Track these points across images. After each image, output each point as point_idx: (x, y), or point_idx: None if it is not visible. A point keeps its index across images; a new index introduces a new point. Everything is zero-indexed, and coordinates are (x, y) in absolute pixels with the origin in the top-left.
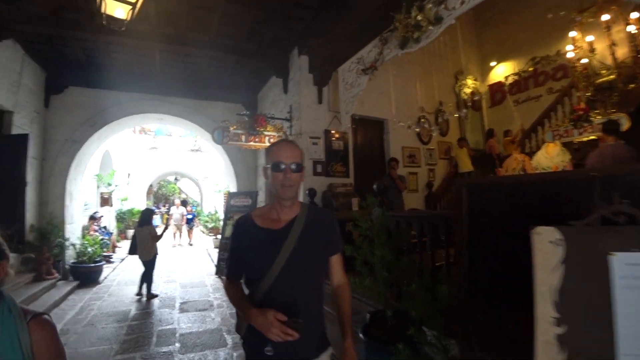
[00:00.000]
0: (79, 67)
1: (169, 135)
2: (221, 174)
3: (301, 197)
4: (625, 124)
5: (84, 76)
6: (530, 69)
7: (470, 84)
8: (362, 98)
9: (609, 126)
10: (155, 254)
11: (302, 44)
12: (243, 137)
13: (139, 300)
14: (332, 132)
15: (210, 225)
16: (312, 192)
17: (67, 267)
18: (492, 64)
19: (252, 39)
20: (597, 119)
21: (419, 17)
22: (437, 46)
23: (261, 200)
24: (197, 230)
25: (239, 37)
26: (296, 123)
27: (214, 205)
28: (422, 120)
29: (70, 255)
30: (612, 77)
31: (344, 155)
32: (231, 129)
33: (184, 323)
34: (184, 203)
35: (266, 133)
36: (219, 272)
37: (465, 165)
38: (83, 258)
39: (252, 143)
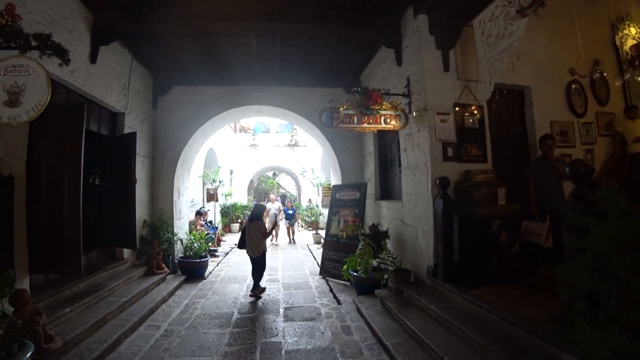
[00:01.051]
0: (181, 67)
1: (266, 132)
2: (318, 167)
3: (429, 189)
4: None
5: (186, 75)
6: None
7: (635, 34)
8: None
9: None
10: (264, 250)
11: (419, 0)
12: (355, 118)
13: (245, 299)
14: (464, 105)
15: (309, 220)
16: (444, 182)
17: (175, 261)
18: None
19: (356, 6)
20: None
21: None
22: None
23: (370, 193)
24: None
25: (341, 5)
26: (418, 98)
27: (312, 198)
28: (574, 86)
29: (178, 250)
30: None
31: (480, 134)
32: (341, 109)
33: (290, 336)
34: (283, 197)
35: (382, 112)
36: (323, 273)
37: (637, 141)
38: (190, 253)
39: (365, 125)
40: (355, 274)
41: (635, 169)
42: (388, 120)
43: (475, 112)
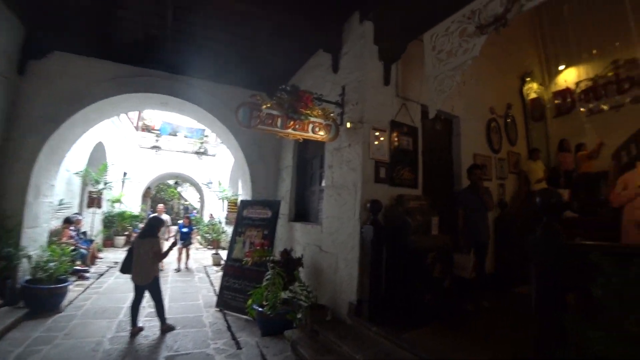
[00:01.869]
0: (68, 27)
1: (174, 134)
2: (226, 179)
3: (357, 212)
4: None
5: (74, 39)
6: (610, 73)
7: (536, 89)
8: (425, 88)
9: None
10: (156, 277)
11: (368, 5)
12: (279, 121)
13: (112, 343)
14: (401, 125)
15: (210, 237)
16: (376, 206)
17: (17, 286)
18: (561, 67)
19: (295, 3)
20: None
21: None
22: (503, 42)
23: (284, 212)
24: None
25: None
26: (353, 109)
27: (215, 213)
28: (493, 124)
29: (25, 270)
30: None
31: (413, 157)
32: (264, 107)
33: None
34: (186, 210)
35: (312, 119)
36: (221, 305)
37: (539, 182)
38: (41, 275)
39: (290, 131)
40: (260, 309)
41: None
42: (317, 129)
43: (411, 133)
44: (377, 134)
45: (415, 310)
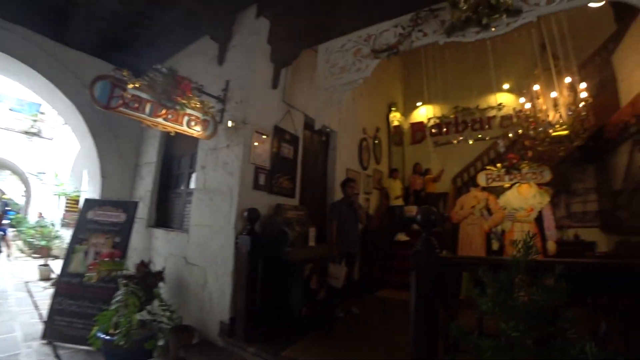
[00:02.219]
0: None
1: None
2: (67, 170)
3: (233, 221)
4: (548, 175)
5: None
6: (452, 116)
7: (398, 118)
8: (310, 98)
9: None
10: None
11: (267, 2)
12: (148, 107)
13: None
14: (284, 132)
15: (37, 243)
16: (254, 215)
17: None
18: (418, 104)
19: None
20: (525, 168)
21: None
22: (378, 70)
23: (141, 216)
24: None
25: None
26: (236, 107)
27: (47, 213)
28: (364, 144)
29: None
30: (564, 132)
31: (293, 166)
32: (130, 86)
33: None
34: (5, 206)
35: (188, 110)
36: (51, 335)
37: (397, 198)
38: None
39: (160, 120)
40: (109, 338)
41: (394, 218)
42: (193, 123)
43: (292, 141)
44: (259, 137)
45: (294, 325)
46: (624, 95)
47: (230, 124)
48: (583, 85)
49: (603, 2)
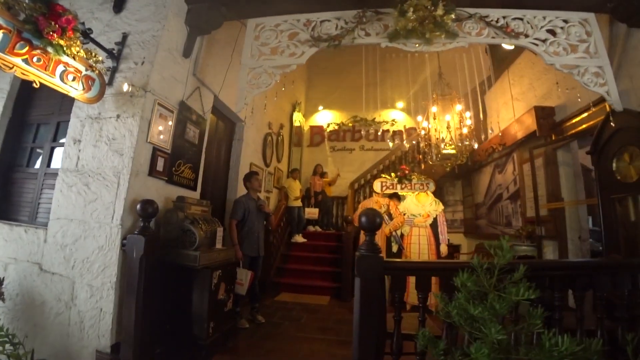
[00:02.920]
0: None
1: None
2: None
3: (118, 215)
4: (432, 187)
5: None
6: (350, 124)
7: (300, 119)
8: (226, 78)
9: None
10: None
11: None
12: (1, 35)
13: None
14: (190, 110)
15: None
16: (149, 209)
17: None
18: (320, 108)
19: None
20: (415, 179)
21: (443, 15)
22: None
23: None
24: None
25: None
26: (135, 69)
27: None
28: (269, 139)
29: None
30: (453, 151)
31: (197, 153)
32: None
33: None
34: None
35: (64, 58)
36: None
37: (296, 199)
38: None
39: (19, 61)
40: None
41: (292, 219)
42: (70, 77)
43: (199, 124)
44: (162, 111)
45: (197, 346)
46: (492, 127)
47: (126, 87)
48: (468, 114)
49: (513, 47)
